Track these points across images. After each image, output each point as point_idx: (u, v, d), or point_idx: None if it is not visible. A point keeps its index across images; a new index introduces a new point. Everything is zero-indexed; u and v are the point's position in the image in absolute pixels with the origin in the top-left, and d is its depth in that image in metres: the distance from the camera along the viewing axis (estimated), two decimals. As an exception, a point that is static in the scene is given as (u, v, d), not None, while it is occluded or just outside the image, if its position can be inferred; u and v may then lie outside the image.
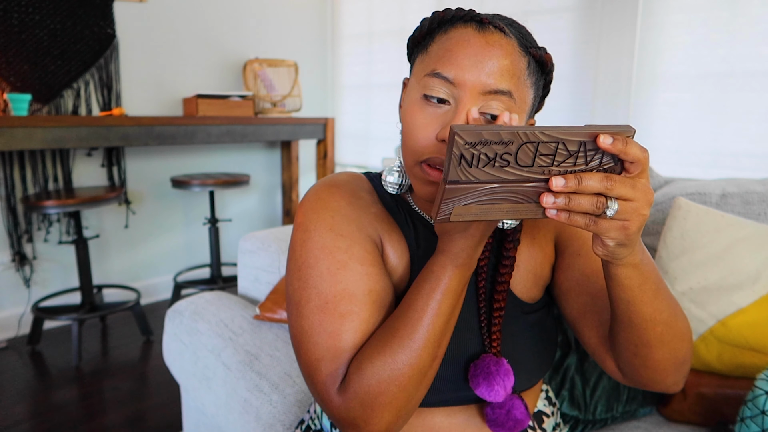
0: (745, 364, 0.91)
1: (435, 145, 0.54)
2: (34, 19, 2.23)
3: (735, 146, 1.86)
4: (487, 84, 0.53)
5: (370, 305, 0.56)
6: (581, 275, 0.64)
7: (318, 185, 0.64)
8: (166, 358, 1.26)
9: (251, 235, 1.37)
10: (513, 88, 0.54)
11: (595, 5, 2.14)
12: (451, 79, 0.53)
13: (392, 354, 0.52)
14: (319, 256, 0.58)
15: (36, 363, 2.10)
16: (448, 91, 0.54)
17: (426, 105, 0.55)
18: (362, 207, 0.63)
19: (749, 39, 1.78)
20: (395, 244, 0.63)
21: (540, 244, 0.67)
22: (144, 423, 1.70)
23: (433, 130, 0.54)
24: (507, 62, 0.53)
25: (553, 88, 2.32)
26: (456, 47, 0.54)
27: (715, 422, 0.94)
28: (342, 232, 0.59)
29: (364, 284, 0.57)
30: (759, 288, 0.90)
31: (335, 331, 0.55)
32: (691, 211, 0.98)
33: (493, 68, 0.53)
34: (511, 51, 0.54)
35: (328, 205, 0.61)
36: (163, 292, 2.83)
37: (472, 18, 0.55)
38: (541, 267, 0.67)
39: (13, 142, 1.89)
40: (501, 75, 0.53)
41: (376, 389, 0.51)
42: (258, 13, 3.01)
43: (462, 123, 0.52)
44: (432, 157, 0.55)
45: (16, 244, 2.29)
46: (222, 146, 2.98)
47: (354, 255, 0.58)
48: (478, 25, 0.55)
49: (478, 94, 0.53)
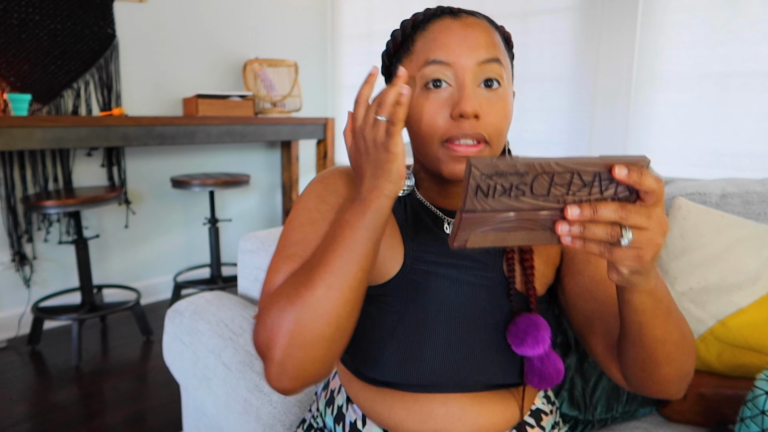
0: (745, 364, 0.91)
1: (452, 123, 0.58)
2: (34, 19, 2.23)
3: (735, 146, 1.86)
4: (478, 56, 0.58)
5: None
6: (590, 281, 0.65)
7: (327, 169, 0.71)
8: (166, 358, 1.26)
9: (251, 235, 1.37)
10: (499, 56, 0.60)
11: (595, 5, 2.14)
12: (446, 61, 0.58)
13: (293, 284, 0.56)
14: (298, 213, 0.66)
15: (36, 363, 2.10)
16: (445, 72, 0.59)
17: (429, 93, 0.59)
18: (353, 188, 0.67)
19: (749, 39, 1.78)
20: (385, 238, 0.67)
21: (545, 246, 0.68)
22: (144, 423, 1.70)
23: (446, 111, 0.59)
24: (487, 36, 0.60)
25: (553, 88, 2.32)
26: (441, 35, 0.59)
27: (715, 422, 0.94)
28: (327, 200, 0.66)
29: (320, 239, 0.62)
30: (759, 288, 0.90)
31: (276, 269, 0.61)
32: (691, 212, 0.98)
33: (478, 42, 0.59)
34: (487, 27, 0.61)
35: (326, 180, 0.68)
36: (163, 292, 2.83)
37: (444, 12, 0.62)
38: (545, 266, 0.68)
39: (13, 142, 1.89)
40: (487, 46, 0.59)
41: (274, 317, 0.55)
42: (258, 13, 3.01)
43: (467, 98, 0.57)
44: (453, 135, 0.58)
45: (16, 244, 2.29)
46: (222, 146, 2.98)
47: (327, 218, 0.64)
48: (451, 15, 0.61)
49: (474, 66, 0.58)
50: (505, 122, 0.61)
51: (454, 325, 0.64)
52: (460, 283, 0.65)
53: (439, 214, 0.68)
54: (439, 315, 0.64)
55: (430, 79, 0.59)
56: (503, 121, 0.60)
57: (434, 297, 0.65)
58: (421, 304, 0.64)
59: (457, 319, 0.64)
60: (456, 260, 0.66)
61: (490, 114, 0.59)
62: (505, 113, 0.60)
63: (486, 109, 0.59)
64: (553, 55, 2.29)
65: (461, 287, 0.65)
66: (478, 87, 0.59)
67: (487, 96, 0.59)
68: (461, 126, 0.58)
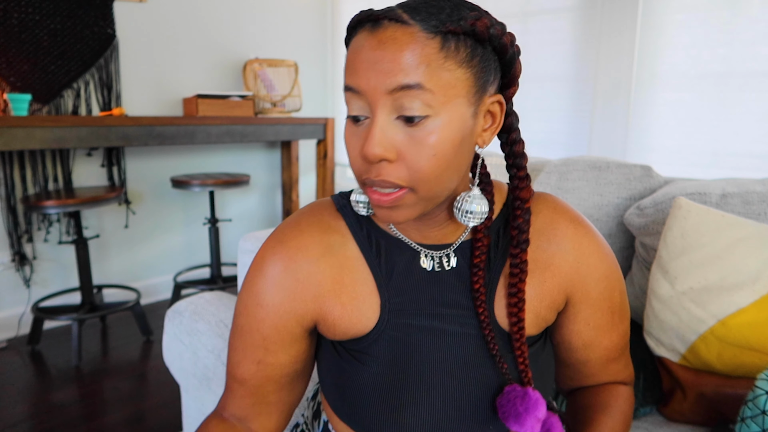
0: (746, 363, 0.91)
1: (362, 165, 0.51)
2: (34, 19, 2.23)
3: (735, 146, 1.86)
4: (386, 83, 0.47)
5: (253, 372, 0.63)
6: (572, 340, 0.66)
7: (271, 236, 0.63)
8: (166, 358, 1.26)
9: (251, 235, 1.37)
10: (422, 79, 0.47)
11: (595, 5, 2.14)
12: (356, 89, 0.49)
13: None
14: (241, 312, 0.63)
15: (36, 363, 2.10)
16: (361, 104, 0.50)
17: (351, 125, 0.52)
18: (302, 272, 0.60)
19: (749, 39, 1.78)
20: (349, 299, 0.60)
21: (549, 291, 0.61)
22: (144, 423, 1.70)
23: (359, 150, 0.50)
24: (404, 54, 0.47)
25: (553, 88, 2.32)
26: (353, 55, 0.50)
27: (715, 422, 0.94)
28: (262, 302, 0.61)
29: (256, 354, 0.62)
30: (759, 288, 0.90)
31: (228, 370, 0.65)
32: (692, 211, 0.98)
33: (390, 65, 0.47)
34: (409, 41, 0.47)
35: (266, 269, 0.61)
36: (163, 292, 2.83)
37: (368, 19, 0.50)
38: (546, 310, 0.62)
39: (13, 142, 1.89)
40: (401, 70, 0.47)
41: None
42: (258, 13, 3.01)
43: (370, 139, 0.48)
44: (365, 178, 0.51)
45: (16, 244, 2.29)
46: (222, 146, 2.98)
47: (261, 329, 0.62)
48: (372, 25, 0.49)
49: (383, 96, 0.48)
50: (434, 161, 0.49)
51: (438, 384, 0.58)
52: (445, 335, 0.59)
53: (414, 246, 0.60)
54: (422, 375, 0.58)
55: (349, 112, 0.51)
56: (429, 160, 0.48)
57: (415, 355, 0.59)
58: (402, 363, 0.58)
59: (441, 377, 0.58)
60: (439, 308, 0.59)
61: (408, 154, 0.48)
62: (433, 150, 0.48)
63: (403, 147, 0.48)
64: (553, 55, 2.30)
65: (445, 340, 0.59)
66: (396, 119, 0.49)
67: (408, 131, 0.48)
68: (369, 169, 0.50)
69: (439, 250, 0.60)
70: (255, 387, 0.63)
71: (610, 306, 0.64)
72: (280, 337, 0.61)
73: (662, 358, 1.00)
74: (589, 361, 0.66)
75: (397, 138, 0.49)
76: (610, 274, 0.63)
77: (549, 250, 0.61)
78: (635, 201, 1.25)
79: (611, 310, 0.64)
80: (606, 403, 0.67)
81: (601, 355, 0.66)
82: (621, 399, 0.68)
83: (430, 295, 0.60)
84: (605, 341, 0.65)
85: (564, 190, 1.32)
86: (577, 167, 1.32)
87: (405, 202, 0.51)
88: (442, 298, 0.60)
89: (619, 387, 0.70)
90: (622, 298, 0.65)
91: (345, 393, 0.61)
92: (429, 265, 0.60)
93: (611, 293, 0.63)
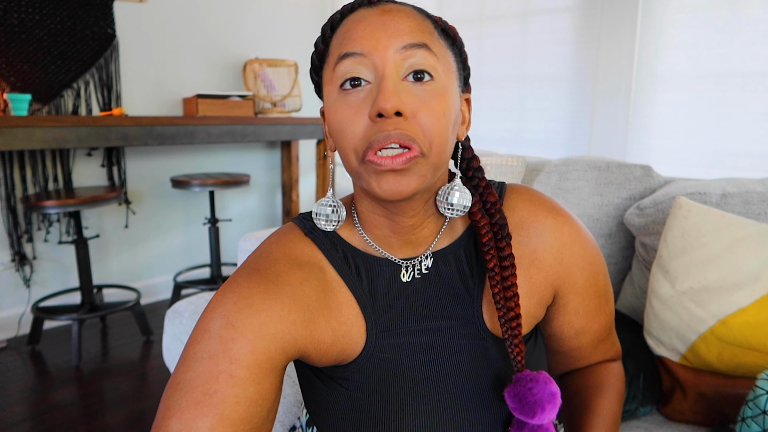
0: (746, 363, 0.91)
1: (372, 126, 0.48)
2: (34, 19, 2.23)
3: (735, 146, 1.86)
4: (398, 41, 0.48)
5: (208, 408, 0.47)
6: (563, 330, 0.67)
7: (238, 269, 0.57)
8: (166, 358, 1.26)
9: (251, 235, 1.37)
10: (428, 42, 0.50)
11: (595, 5, 2.14)
12: (360, 52, 0.49)
13: None
14: (199, 339, 0.50)
15: (36, 363, 2.09)
16: (362, 68, 0.49)
17: (347, 95, 0.50)
18: (285, 294, 0.53)
19: (749, 39, 1.78)
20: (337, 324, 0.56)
21: (537, 286, 0.61)
22: (144, 423, 1.70)
23: (363, 114, 0.49)
24: (411, 20, 0.50)
25: (553, 88, 2.32)
26: (354, 26, 0.50)
27: (715, 422, 0.94)
28: (235, 323, 0.50)
29: (213, 385, 0.47)
30: (759, 287, 0.90)
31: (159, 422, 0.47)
32: (692, 211, 0.98)
33: (398, 26, 0.49)
34: (411, 12, 0.51)
35: (238, 290, 0.53)
36: (163, 292, 2.83)
37: (360, 4, 0.52)
38: (536, 307, 0.61)
39: (13, 142, 1.89)
40: (410, 31, 0.49)
41: None
42: (258, 13, 3.01)
43: (385, 91, 0.47)
44: (373, 140, 0.48)
45: (16, 244, 2.29)
46: (222, 146, 2.98)
47: (230, 351, 0.49)
48: (369, 4, 0.52)
49: (394, 55, 0.48)
50: (443, 124, 0.49)
51: (436, 402, 0.56)
52: (436, 350, 0.57)
53: (394, 260, 0.58)
54: (417, 395, 0.56)
55: (346, 78, 0.49)
56: (439, 121, 0.49)
57: (409, 374, 0.56)
58: (395, 385, 0.56)
59: (438, 394, 0.57)
60: (429, 322, 0.58)
61: (420, 112, 0.48)
62: (442, 111, 0.49)
63: (415, 105, 0.48)
64: (553, 55, 2.30)
65: (438, 355, 0.57)
66: (403, 80, 0.49)
67: (417, 91, 0.49)
68: (382, 127, 0.47)
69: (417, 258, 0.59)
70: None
71: (596, 291, 0.64)
72: (256, 362, 0.49)
73: (662, 357, 1.00)
74: (581, 346, 0.68)
75: (408, 97, 0.48)
76: (593, 259, 0.63)
77: (530, 244, 0.60)
78: (635, 201, 1.26)
79: (597, 294, 0.64)
80: (600, 384, 0.68)
81: (592, 339, 0.67)
82: (613, 378, 0.70)
83: (416, 308, 0.58)
84: (594, 325, 0.66)
85: (564, 190, 1.32)
86: (577, 167, 1.32)
87: (417, 166, 0.48)
88: (428, 310, 0.58)
89: (609, 365, 0.71)
90: (606, 279, 0.66)
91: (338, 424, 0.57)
92: (409, 277, 0.58)
93: (596, 278, 0.64)
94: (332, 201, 0.57)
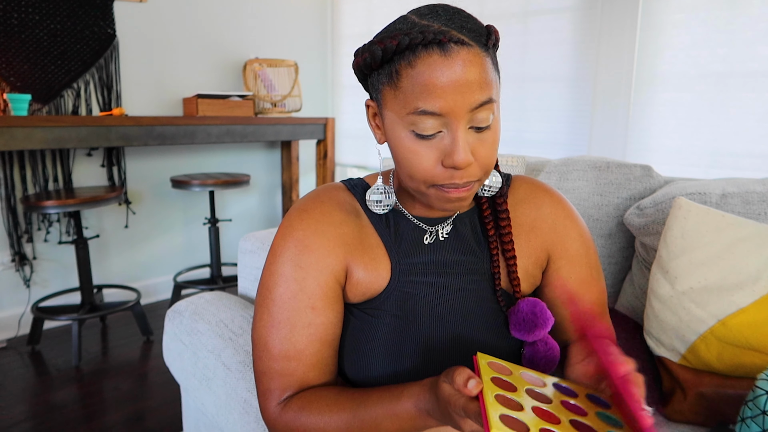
0: (746, 363, 0.91)
1: (444, 172, 0.58)
2: (34, 19, 2.23)
3: (735, 146, 1.86)
4: (471, 102, 0.55)
5: (306, 337, 0.65)
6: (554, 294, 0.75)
7: (291, 210, 0.70)
8: (166, 358, 1.26)
9: (251, 235, 1.37)
10: (493, 93, 0.57)
11: (595, 5, 2.14)
12: (437, 112, 0.55)
13: (331, 420, 0.61)
14: (278, 282, 0.66)
15: (36, 363, 2.10)
16: (436, 122, 0.56)
17: (417, 140, 0.58)
18: (329, 232, 0.67)
19: (749, 39, 1.78)
20: (369, 260, 0.68)
21: (534, 248, 0.73)
22: (144, 423, 1.70)
23: (435, 159, 0.58)
24: (478, 73, 0.55)
25: (553, 88, 2.32)
26: (430, 80, 0.54)
27: (715, 422, 0.94)
28: (301, 264, 0.66)
29: (306, 317, 0.65)
30: (759, 288, 0.90)
31: (272, 353, 0.65)
32: (692, 211, 0.98)
33: (471, 86, 0.55)
34: (479, 60, 0.55)
35: (295, 233, 0.67)
36: (163, 292, 2.83)
37: (430, 42, 0.54)
38: (533, 266, 0.73)
39: (13, 142, 1.89)
40: (480, 88, 0.55)
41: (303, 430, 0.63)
42: (258, 13, 3.01)
43: (459, 152, 0.56)
44: (444, 183, 0.59)
45: (16, 244, 2.29)
46: (222, 146, 2.98)
47: (306, 288, 0.65)
48: (439, 48, 0.54)
49: (466, 114, 0.56)
50: (495, 149, 0.60)
51: (448, 325, 0.68)
52: (449, 289, 0.69)
53: (421, 225, 0.70)
54: (433, 320, 0.68)
55: (422, 132, 0.57)
56: (493, 155, 0.60)
57: (426, 305, 0.68)
58: (414, 314, 0.68)
59: (448, 324, 0.68)
60: (442, 268, 0.69)
61: (480, 156, 0.58)
62: (495, 147, 0.60)
63: (477, 152, 0.58)
64: (553, 55, 2.29)
65: (450, 293, 0.69)
66: (468, 130, 0.57)
67: (478, 137, 0.58)
68: (453, 176, 0.58)
69: (440, 223, 0.71)
70: (313, 355, 0.65)
71: (588, 262, 0.74)
72: (324, 293, 0.66)
73: (662, 358, 1.00)
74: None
75: (474, 143, 0.58)
76: (584, 233, 0.74)
77: (531, 215, 0.73)
78: (635, 201, 1.25)
79: (589, 265, 0.74)
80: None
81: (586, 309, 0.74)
82: None
83: (435, 259, 0.69)
84: (588, 295, 0.74)
85: (564, 190, 1.32)
86: (577, 167, 1.32)
87: (473, 189, 0.61)
88: (446, 260, 0.69)
89: None
90: (597, 258, 0.76)
91: (359, 347, 0.68)
92: (432, 239, 0.70)
93: (587, 250, 0.74)
94: (383, 188, 0.69)
